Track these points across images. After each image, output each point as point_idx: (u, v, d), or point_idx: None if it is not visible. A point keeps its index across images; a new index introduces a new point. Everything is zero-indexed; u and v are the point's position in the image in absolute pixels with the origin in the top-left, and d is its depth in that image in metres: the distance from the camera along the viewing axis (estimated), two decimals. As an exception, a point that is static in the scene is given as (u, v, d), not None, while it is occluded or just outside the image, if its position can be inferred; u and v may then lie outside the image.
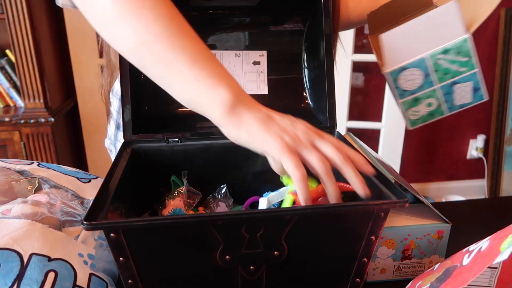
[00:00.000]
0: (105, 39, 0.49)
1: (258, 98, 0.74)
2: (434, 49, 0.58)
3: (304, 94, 0.76)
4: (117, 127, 0.86)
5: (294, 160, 0.43)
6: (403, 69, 0.59)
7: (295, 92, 0.76)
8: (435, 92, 0.62)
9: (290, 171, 0.43)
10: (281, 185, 0.71)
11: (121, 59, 0.64)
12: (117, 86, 0.82)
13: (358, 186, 0.46)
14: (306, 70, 0.75)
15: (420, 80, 0.60)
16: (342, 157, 0.45)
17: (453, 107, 0.64)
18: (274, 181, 0.72)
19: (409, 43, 0.58)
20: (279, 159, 0.44)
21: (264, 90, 0.74)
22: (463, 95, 0.62)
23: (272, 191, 0.70)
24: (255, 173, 0.71)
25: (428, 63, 0.59)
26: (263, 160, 0.71)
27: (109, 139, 0.90)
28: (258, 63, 0.74)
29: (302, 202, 0.45)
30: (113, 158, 0.91)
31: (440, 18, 0.56)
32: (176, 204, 0.61)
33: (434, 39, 0.58)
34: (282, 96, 0.76)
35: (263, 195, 0.70)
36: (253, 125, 0.46)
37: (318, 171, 0.45)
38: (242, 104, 0.46)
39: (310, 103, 0.75)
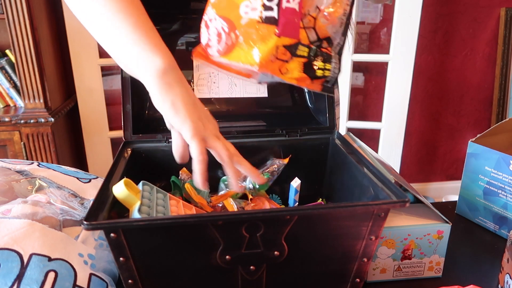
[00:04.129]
0: None
1: (258, 101, 0.74)
2: None
3: (304, 95, 0.76)
4: None
5: (201, 146, 0.48)
6: None
7: (295, 94, 0.76)
8: None
9: (195, 154, 0.47)
10: (279, 184, 0.71)
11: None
12: None
13: (255, 175, 0.53)
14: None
15: None
16: (238, 154, 0.52)
17: None
18: (273, 181, 0.72)
19: None
20: (189, 141, 0.48)
21: (264, 93, 0.74)
22: None
23: (270, 190, 0.71)
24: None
25: None
26: (263, 160, 0.71)
27: None
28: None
29: (200, 184, 0.48)
30: None
31: None
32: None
33: None
34: (281, 98, 0.76)
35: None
36: (179, 100, 0.49)
37: (223, 157, 0.49)
38: (174, 75, 0.50)
39: (310, 104, 0.75)
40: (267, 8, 0.50)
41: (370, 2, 0.64)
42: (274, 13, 0.51)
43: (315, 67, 0.55)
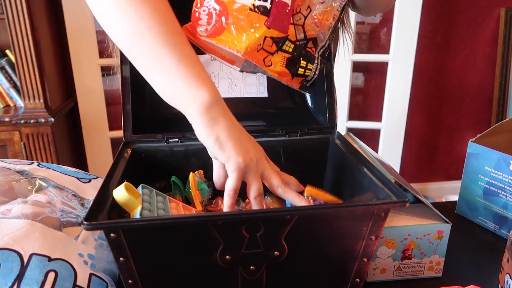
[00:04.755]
0: (102, 27, 0.52)
1: (258, 101, 0.74)
2: None
3: (304, 95, 0.76)
4: None
5: (237, 182, 0.50)
6: None
7: (295, 94, 0.76)
8: None
9: (228, 187, 0.50)
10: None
11: (122, 60, 0.64)
12: None
13: (301, 204, 0.53)
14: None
15: None
16: (282, 186, 0.53)
17: None
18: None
19: None
20: (230, 174, 0.50)
21: (264, 93, 0.74)
22: None
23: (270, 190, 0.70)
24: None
25: None
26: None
27: None
28: (258, 66, 0.74)
29: (225, 208, 0.51)
30: None
31: None
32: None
33: None
34: (281, 98, 0.76)
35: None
36: (225, 135, 0.50)
37: (251, 195, 0.52)
38: (219, 108, 0.50)
39: (310, 104, 0.75)
40: None
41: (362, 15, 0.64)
42: (267, 4, 0.51)
43: (297, 65, 0.56)
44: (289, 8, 0.52)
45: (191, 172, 0.65)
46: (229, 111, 0.52)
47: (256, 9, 0.51)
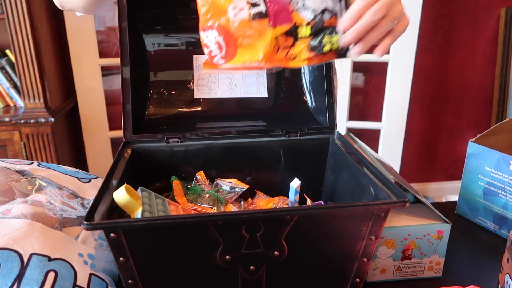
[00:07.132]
0: None
1: (258, 101, 0.74)
2: None
3: (304, 95, 0.76)
4: None
5: None
6: None
7: (295, 94, 0.76)
8: None
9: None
10: (279, 184, 0.71)
11: (122, 60, 0.64)
12: None
13: None
14: (305, 71, 0.75)
15: None
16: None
17: None
18: (273, 181, 0.72)
19: None
20: None
21: (264, 93, 0.74)
22: None
23: (270, 190, 0.71)
24: (255, 173, 0.71)
25: None
26: (263, 160, 0.71)
27: None
28: (258, 66, 0.74)
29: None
30: None
31: None
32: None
33: None
34: (282, 98, 0.76)
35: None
36: None
37: None
38: None
39: (310, 104, 0.75)
40: (253, 5, 0.52)
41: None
42: (261, 8, 0.52)
43: (322, 44, 0.55)
44: None
45: (174, 180, 0.65)
46: None
47: (254, 17, 0.52)
